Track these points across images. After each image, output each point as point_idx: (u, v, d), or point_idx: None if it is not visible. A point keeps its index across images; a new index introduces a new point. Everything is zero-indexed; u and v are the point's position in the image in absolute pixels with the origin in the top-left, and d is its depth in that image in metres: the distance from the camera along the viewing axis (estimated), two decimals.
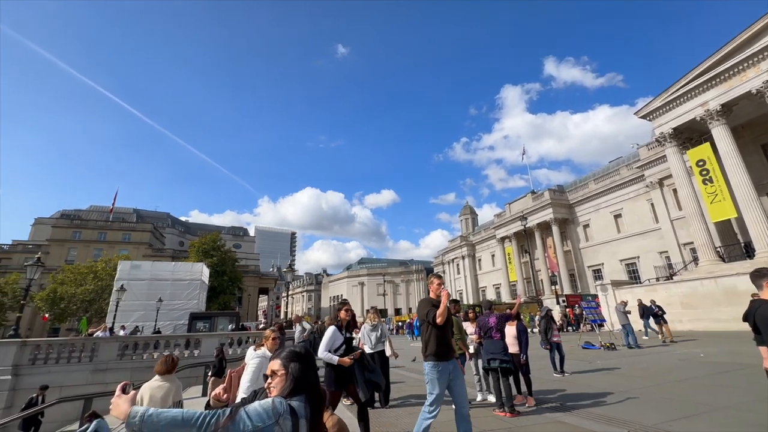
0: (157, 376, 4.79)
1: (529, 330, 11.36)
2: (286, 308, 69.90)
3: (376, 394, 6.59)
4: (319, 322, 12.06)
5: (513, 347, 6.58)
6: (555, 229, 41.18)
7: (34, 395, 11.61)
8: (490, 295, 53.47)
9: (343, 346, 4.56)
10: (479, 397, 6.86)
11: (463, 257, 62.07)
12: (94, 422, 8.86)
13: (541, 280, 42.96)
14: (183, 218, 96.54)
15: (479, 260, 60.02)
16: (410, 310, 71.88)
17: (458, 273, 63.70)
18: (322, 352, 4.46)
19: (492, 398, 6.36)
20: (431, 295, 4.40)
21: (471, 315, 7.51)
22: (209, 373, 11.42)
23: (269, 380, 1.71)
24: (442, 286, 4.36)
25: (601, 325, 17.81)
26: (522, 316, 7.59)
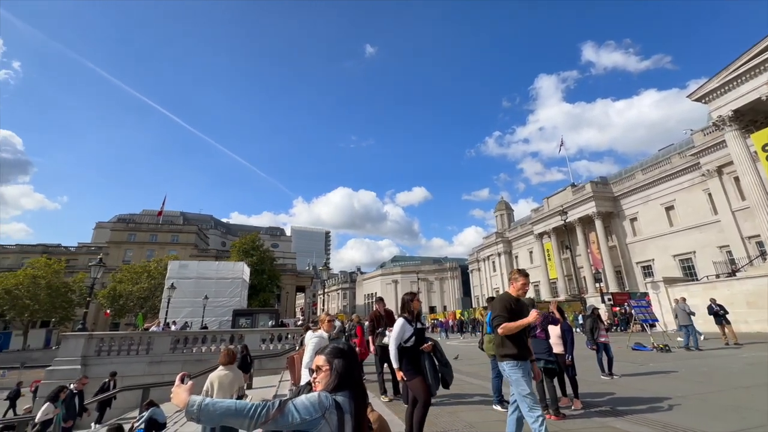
0: (221, 366, 5.43)
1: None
2: (323, 306, 71.66)
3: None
4: (349, 321, 12.04)
5: (557, 347, 6.31)
6: (598, 223, 38.96)
7: (107, 380, 12.72)
8: (529, 294, 51.65)
9: (413, 338, 4.32)
10: None
11: (498, 254, 60.44)
12: (151, 410, 9.58)
13: (584, 278, 40.86)
14: (224, 220, 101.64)
15: (516, 257, 58.16)
16: (444, 308, 71.11)
17: (494, 270, 62.11)
18: (392, 346, 4.29)
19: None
20: (512, 292, 4.08)
21: None
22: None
23: (314, 375, 1.76)
24: (526, 286, 4.06)
25: (653, 326, 16.63)
26: (566, 315, 7.23)
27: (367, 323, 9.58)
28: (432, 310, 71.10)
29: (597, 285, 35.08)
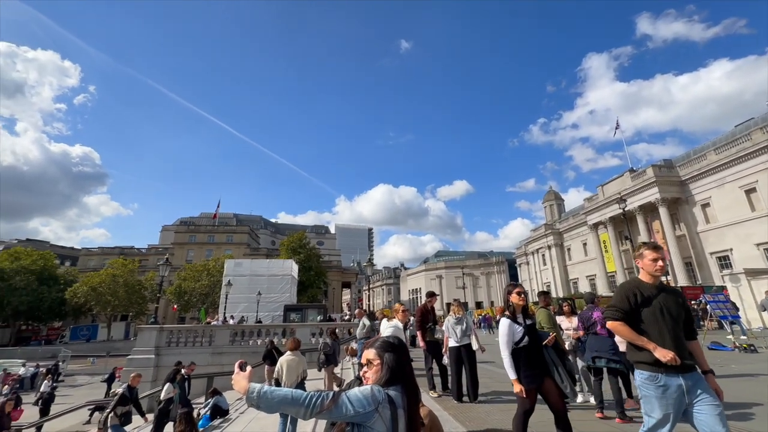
0: (288, 352, 6.55)
1: None
2: (368, 301, 72.89)
3: (465, 387, 6.43)
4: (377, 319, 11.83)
5: (622, 345, 5.84)
6: (663, 210, 35.53)
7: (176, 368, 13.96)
8: (584, 287, 48.66)
9: (526, 337, 3.65)
10: (580, 398, 6.26)
11: (548, 247, 57.44)
12: (215, 397, 10.33)
13: None
14: (273, 220, 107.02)
15: (568, 249, 54.90)
16: (492, 303, 69.12)
17: (544, 264, 59.18)
18: (505, 353, 3.67)
19: (594, 400, 5.74)
20: (643, 276, 2.94)
21: (567, 308, 6.83)
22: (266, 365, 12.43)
23: (365, 369, 1.76)
24: (659, 263, 2.84)
25: (733, 323, 14.87)
26: None
27: (412, 318, 9.55)
28: (478, 305, 69.45)
29: (664, 279, 32.06)
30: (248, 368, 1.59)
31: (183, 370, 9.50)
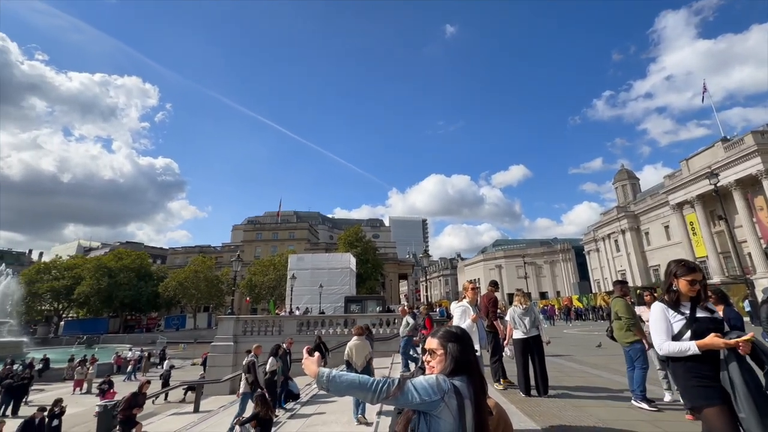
0: (355, 337, 7.40)
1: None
2: (426, 292, 72.83)
3: (532, 381, 6.15)
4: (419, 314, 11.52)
5: None
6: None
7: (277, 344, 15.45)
8: None
9: (688, 332, 2.55)
10: (667, 397, 5.64)
11: (622, 231, 52.30)
12: (287, 382, 11.03)
13: (748, 254, 32.52)
14: (329, 215, 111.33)
15: (646, 233, 49.52)
16: (558, 293, 65.00)
17: (617, 250, 54.07)
18: (663, 345, 2.62)
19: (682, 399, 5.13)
20: None
21: (648, 298, 6.17)
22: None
23: (428, 358, 1.75)
24: None
25: None
26: (731, 300, 5.82)
27: (466, 306, 9.32)
28: (543, 296, 65.79)
29: None
30: (316, 354, 1.67)
31: (284, 345, 10.60)
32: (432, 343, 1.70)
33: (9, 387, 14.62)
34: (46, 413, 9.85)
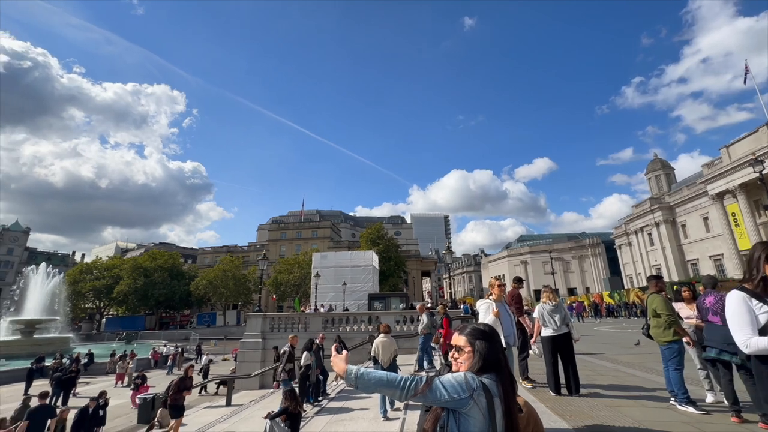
0: (382, 334, 7.71)
1: None
2: (449, 289, 72.26)
3: (562, 378, 5.99)
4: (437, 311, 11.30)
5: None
6: None
7: (278, 350, 15.78)
8: (706, 269, 41.30)
9: None
10: (710, 398, 5.34)
11: (656, 224, 49.88)
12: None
13: None
14: (351, 213, 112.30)
15: (683, 226, 47.00)
16: (587, 289, 62.81)
17: (651, 244, 51.65)
18: (751, 341, 2.26)
19: (726, 401, 4.83)
20: None
21: (686, 294, 5.85)
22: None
23: (455, 354, 1.73)
24: None
25: None
26: None
27: (491, 303, 9.18)
28: (571, 292, 63.78)
29: None
30: (344, 352, 1.69)
31: (317, 340, 10.94)
32: (459, 339, 1.68)
33: (59, 379, 15.67)
34: (97, 402, 10.62)
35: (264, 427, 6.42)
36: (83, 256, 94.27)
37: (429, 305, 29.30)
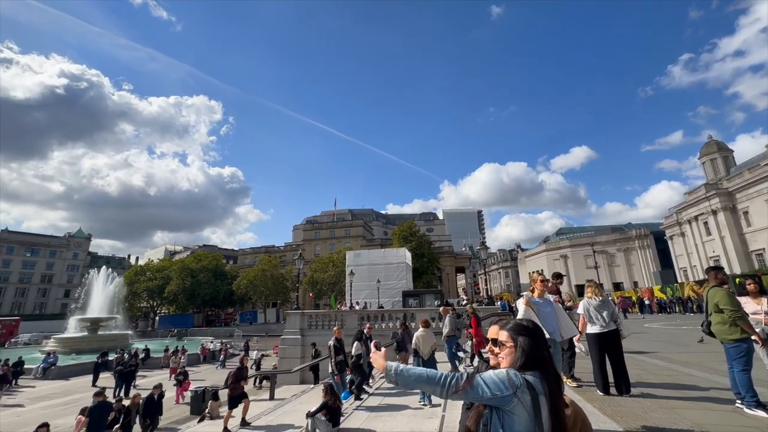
0: (421, 328, 8.13)
1: None
2: (485, 285, 70.68)
3: (610, 377, 5.68)
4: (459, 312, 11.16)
5: None
6: None
7: (315, 346, 16.22)
8: None
9: None
10: None
11: (713, 212, 45.89)
12: (352, 374, 11.43)
13: None
14: (383, 211, 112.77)
15: (744, 213, 42.91)
16: (635, 284, 58.99)
17: (708, 234, 47.61)
18: None
19: None
20: None
21: (752, 287, 5.32)
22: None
23: (495, 349, 1.69)
24: None
25: None
26: None
27: (537, 298, 8.86)
28: (617, 287, 60.22)
29: None
30: (383, 348, 1.71)
31: (365, 330, 11.30)
32: (501, 335, 1.65)
33: (121, 372, 17.15)
34: (160, 390, 11.60)
35: (305, 424, 6.60)
36: (137, 259, 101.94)
37: (465, 302, 28.83)
